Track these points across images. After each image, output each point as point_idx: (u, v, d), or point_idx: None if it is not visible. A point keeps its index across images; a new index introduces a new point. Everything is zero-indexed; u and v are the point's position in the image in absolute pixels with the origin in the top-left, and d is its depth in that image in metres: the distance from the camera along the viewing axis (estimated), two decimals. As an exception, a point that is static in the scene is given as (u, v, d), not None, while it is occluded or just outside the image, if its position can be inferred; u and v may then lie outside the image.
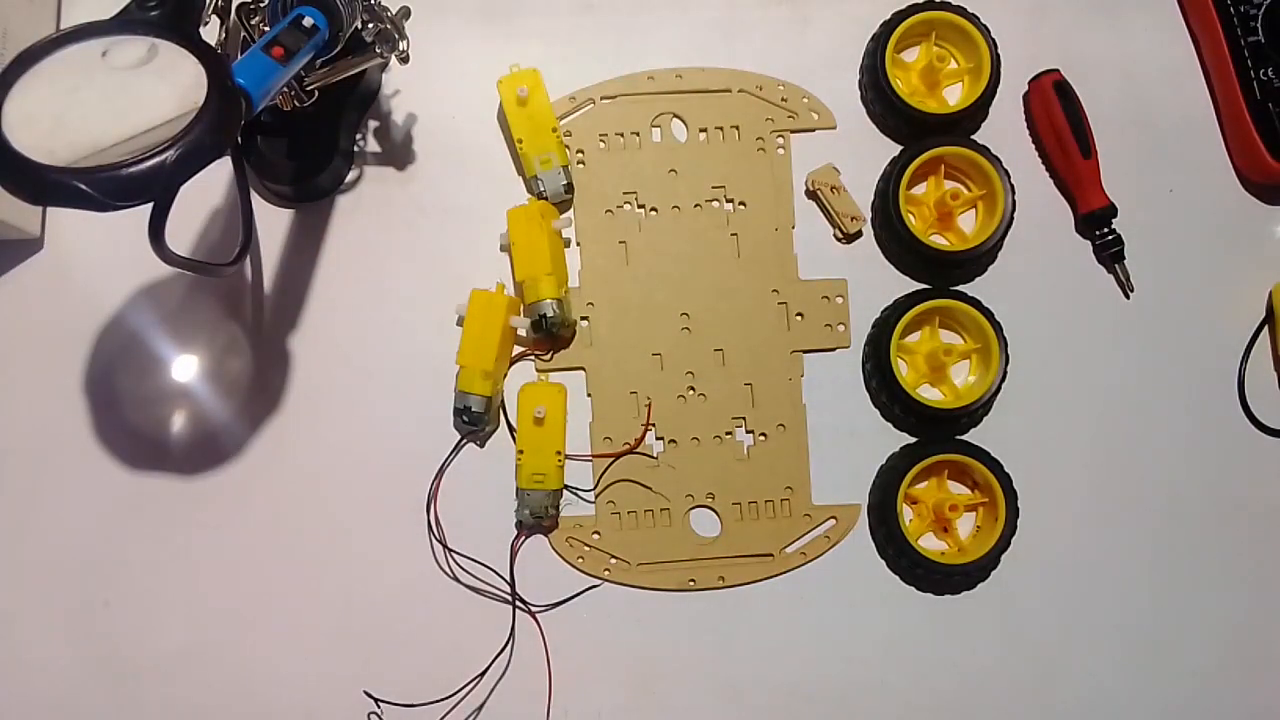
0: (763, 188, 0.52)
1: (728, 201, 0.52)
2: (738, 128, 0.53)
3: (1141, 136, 0.53)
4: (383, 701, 0.47)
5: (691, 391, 0.51)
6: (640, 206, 0.52)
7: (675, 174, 0.52)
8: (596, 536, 0.49)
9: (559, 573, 0.49)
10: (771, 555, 0.50)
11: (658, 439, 0.50)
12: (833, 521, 0.50)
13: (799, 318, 0.51)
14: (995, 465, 0.48)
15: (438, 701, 0.47)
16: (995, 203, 0.50)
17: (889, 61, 0.51)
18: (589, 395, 0.51)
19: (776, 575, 0.50)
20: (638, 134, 0.53)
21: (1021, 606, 0.49)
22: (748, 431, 0.51)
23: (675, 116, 0.53)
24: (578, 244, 0.52)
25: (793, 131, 0.53)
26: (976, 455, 0.49)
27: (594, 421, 0.50)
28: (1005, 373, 0.49)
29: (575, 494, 0.50)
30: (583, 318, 0.51)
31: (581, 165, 0.53)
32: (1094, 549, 0.50)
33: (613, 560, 0.49)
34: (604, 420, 0.50)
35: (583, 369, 0.51)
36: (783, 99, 0.53)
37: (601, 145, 0.53)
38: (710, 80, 0.53)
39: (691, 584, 0.49)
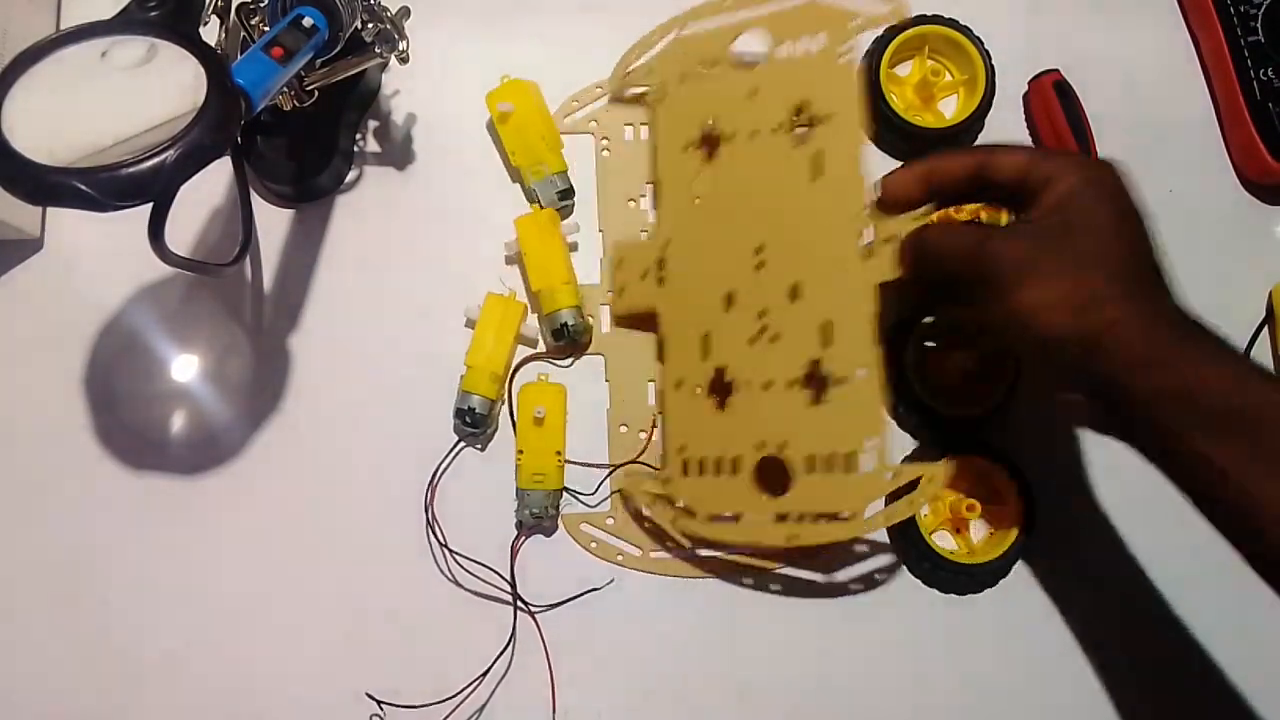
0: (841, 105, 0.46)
1: (805, 125, 0.47)
2: (819, 35, 0.47)
3: (1141, 136, 0.53)
4: (385, 703, 0.47)
5: (763, 334, 0.47)
6: (715, 138, 0.50)
7: (754, 97, 0.48)
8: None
9: (560, 573, 0.49)
10: (849, 516, 0.45)
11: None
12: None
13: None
14: (1014, 468, 0.48)
15: (440, 702, 0.47)
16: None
17: (883, 77, 0.51)
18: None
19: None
20: (717, 61, 0.50)
21: (1030, 610, 0.49)
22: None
23: (755, 33, 0.49)
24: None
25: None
26: (997, 456, 0.48)
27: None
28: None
29: (575, 496, 0.50)
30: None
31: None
32: (1096, 549, 0.50)
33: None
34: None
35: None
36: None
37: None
38: None
39: (762, 541, 0.46)
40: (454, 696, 0.47)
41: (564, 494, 0.49)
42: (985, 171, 0.41)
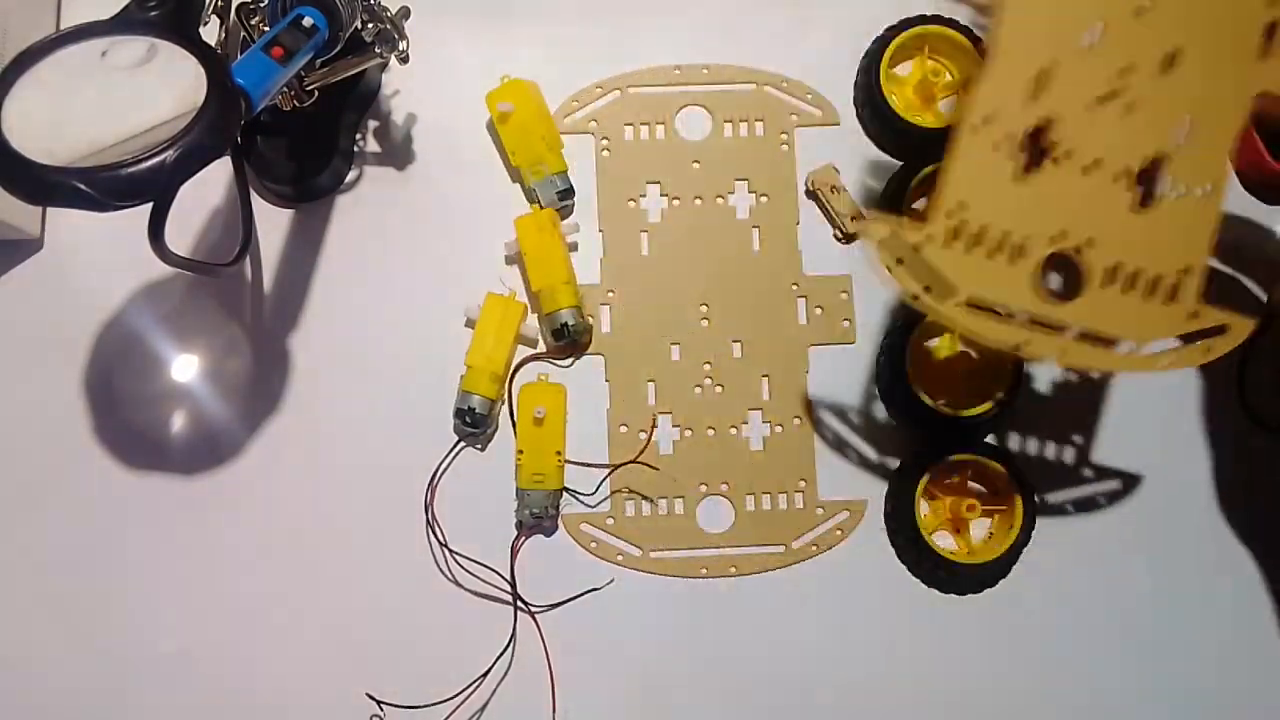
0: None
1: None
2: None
3: (1142, 136, 0.53)
4: (384, 703, 0.47)
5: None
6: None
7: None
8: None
9: (560, 573, 0.49)
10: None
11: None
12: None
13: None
14: (1014, 468, 0.48)
15: (440, 703, 0.47)
16: None
17: (883, 77, 0.51)
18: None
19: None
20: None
21: (1029, 609, 0.49)
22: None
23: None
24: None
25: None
26: (997, 457, 0.48)
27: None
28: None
29: (575, 496, 0.50)
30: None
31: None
32: (1095, 549, 0.50)
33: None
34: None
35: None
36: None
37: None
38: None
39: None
40: (454, 697, 0.47)
41: (564, 494, 0.49)
42: None
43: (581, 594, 0.49)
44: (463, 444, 0.50)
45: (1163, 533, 0.50)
